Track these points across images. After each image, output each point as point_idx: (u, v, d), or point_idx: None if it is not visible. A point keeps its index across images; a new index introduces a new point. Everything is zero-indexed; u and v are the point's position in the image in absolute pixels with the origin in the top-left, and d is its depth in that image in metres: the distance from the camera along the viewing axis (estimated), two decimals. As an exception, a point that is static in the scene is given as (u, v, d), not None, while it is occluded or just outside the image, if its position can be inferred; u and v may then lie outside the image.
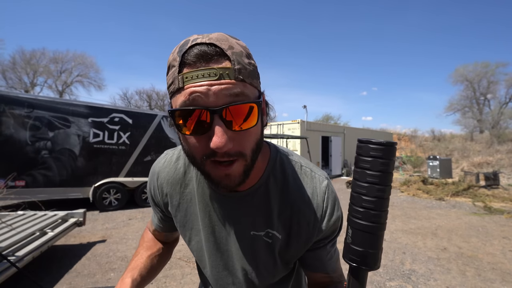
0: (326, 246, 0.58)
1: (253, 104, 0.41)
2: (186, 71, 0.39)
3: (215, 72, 0.38)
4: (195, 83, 0.38)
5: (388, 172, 0.34)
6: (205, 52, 0.39)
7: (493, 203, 6.88)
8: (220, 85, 0.38)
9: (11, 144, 5.11)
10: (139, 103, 32.32)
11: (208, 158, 0.42)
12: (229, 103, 0.39)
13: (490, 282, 2.88)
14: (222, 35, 0.41)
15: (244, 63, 0.41)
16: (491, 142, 18.65)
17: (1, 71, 22.65)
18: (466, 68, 25.73)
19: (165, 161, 0.64)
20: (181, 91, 0.40)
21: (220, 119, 0.39)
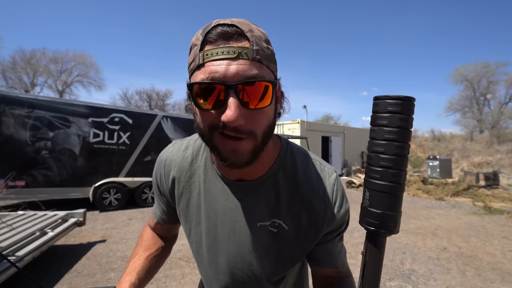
0: (335, 239, 0.58)
1: (268, 83, 0.42)
2: (207, 48, 0.41)
3: (234, 50, 0.40)
4: (215, 59, 0.40)
5: (407, 129, 0.33)
6: (226, 31, 0.40)
7: (493, 203, 6.88)
8: (238, 64, 0.40)
9: (11, 144, 5.12)
10: (139, 103, 32.32)
11: (216, 130, 0.43)
12: (247, 77, 0.40)
13: (490, 282, 2.88)
14: (244, 20, 0.44)
15: (263, 46, 0.43)
16: (491, 142, 18.65)
17: (1, 71, 22.67)
18: (466, 68, 25.74)
19: (173, 149, 0.64)
20: (200, 68, 0.41)
21: (235, 94, 0.40)
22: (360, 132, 16.43)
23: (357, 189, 9.73)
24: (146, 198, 6.60)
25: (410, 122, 0.33)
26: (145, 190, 6.58)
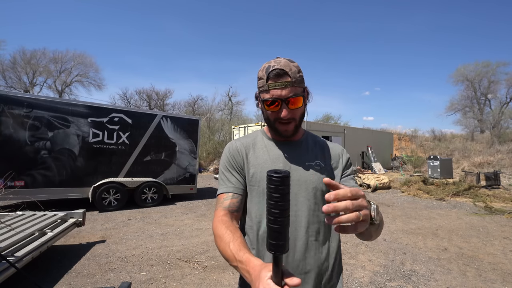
0: (350, 175, 0.95)
1: (300, 96, 0.82)
2: (270, 82, 0.80)
3: (283, 84, 0.79)
4: (274, 88, 0.80)
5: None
6: (278, 73, 0.79)
7: (494, 203, 6.87)
8: (286, 90, 0.80)
9: (10, 144, 5.11)
10: (138, 103, 32.31)
11: (277, 121, 0.85)
12: (289, 96, 0.80)
13: (491, 282, 2.87)
14: (286, 61, 0.81)
15: (297, 77, 0.81)
16: (491, 142, 18.62)
17: (1, 71, 22.67)
18: (466, 68, 25.70)
19: (237, 139, 0.98)
20: (268, 91, 0.81)
21: (285, 104, 0.81)
22: (360, 132, 16.41)
23: (357, 189, 9.71)
24: (145, 198, 6.59)
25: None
26: (144, 190, 6.57)
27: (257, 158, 0.90)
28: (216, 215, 0.83)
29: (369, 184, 9.46)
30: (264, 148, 0.92)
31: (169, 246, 3.89)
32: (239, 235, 0.74)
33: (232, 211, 0.84)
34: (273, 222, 0.46)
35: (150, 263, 3.29)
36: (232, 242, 0.70)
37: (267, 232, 0.48)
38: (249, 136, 0.98)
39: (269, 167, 0.86)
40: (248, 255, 0.65)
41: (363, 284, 2.83)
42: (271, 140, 0.94)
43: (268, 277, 0.50)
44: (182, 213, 6.01)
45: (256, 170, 0.88)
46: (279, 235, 0.46)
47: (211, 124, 22.26)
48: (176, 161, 7.20)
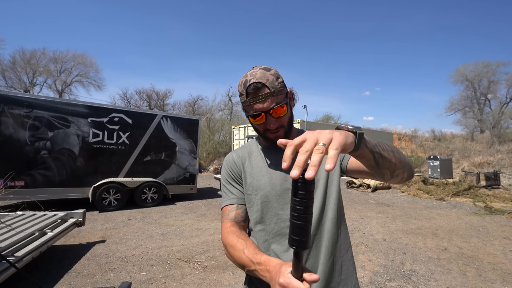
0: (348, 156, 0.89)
1: (283, 104, 0.81)
2: (250, 98, 0.80)
3: (263, 96, 0.78)
4: (255, 103, 0.80)
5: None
6: (256, 87, 0.78)
7: (494, 203, 6.87)
8: (267, 102, 0.79)
9: (10, 144, 5.11)
10: (139, 103, 32.32)
11: (266, 131, 0.85)
12: (271, 107, 0.79)
13: (491, 282, 2.87)
14: (262, 72, 0.80)
15: (275, 86, 0.80)
16: (491, 142, 18.61)
17: (1, 70, 22.67)
18: (466, 68, 25.70)
19: (235, 150, 0.99)
20: (250, 107, 0.81)
21: (269, 115, 0.80)
22: (360, 132, 16.36)
23: (357, 189, 9.72)
24: (145, 198, 6.60)
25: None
26: (144, 190, 6.58)
27: (253, 167, 0.90)
28: (224, 227, 0.84)
29: (369, 184, 9.47)
30: (259, 156, 0.93)
31: (169, 246, 3.89)
32: (252, 242, 0.76)
33: (238, 222, 0.86)
34: (297, 219, 0.47)
35: (150, 263, 3.29)
36: (246, 249, 0.71)
37: (290, 228, 0.48)
38: (245, 146, 1.00)
39: (264, 175, 0.87)
40: (266, 256, 0.66)
41: (363, 284, 2.83)
42: (265, 147, 0.94)
43: (289, 272, 0.53)
44: (182, 213, 6.01)
45: (253, 179, 0.88)
46: (303, 231, 0.47)
47: (211, 124, 22.26)
48: (176, 161, 7.20)
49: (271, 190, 0.85)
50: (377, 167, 0.68)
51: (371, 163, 0.66)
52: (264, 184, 0.86)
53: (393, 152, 0.70)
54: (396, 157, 0.70)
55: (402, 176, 0.76)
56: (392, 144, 0.74)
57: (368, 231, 4.72)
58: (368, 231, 4.69)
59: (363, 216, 5.80)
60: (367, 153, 0.63)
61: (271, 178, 0.86)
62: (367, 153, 0.63)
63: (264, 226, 0.85)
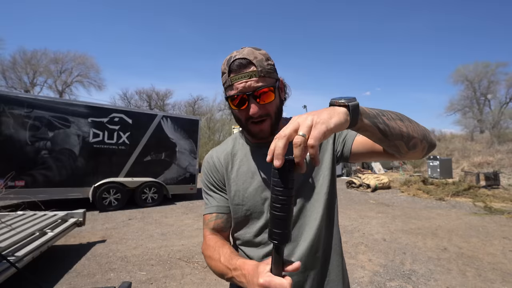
0: (347, 136, 0.78)
1: (270, 87, 0.68)
2: (232, 75, 0.68)
3: (248, 74, 0.66)
4: (238, 82, 0.67)
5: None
6: (241, 63, 0.66)
7: (494, 203, 6.87)
8: (251, 81, 0.67)
9: (10, 144, 5.11)
10: (139, 103, 32.32)
11: (248, 121, 0.71)
12: (256, 88, 0.67)
13: (491, 282, 2.88)
14: (250, 50, 0.69)
15: (264, 66, 0.68)
16: (491, 142, 18.62)
17: (1, 70, 22.66)
18: (466, 68, 25.73)
19: (216, 148, 0.87)
20: (232, 87, 0.68)
21: (253, 98, 0.67)
22: (360, 132, 16.38)
23: (357, 189, 9.72)
24: (146, 198, 6.60)
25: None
26: (145, 190, 6.58)
27: (238, 173, 0.78)
28: (204, 237, 0.79)
29: (369, 184, 9.47)
30: (244, 157, 0.80)
31: (169, 246, 3.89)
32: (228, 247, 0.71)
33: (218, 232, 0.79)
34: (280, 210, 0.44)
35: (150, 263, 3.29)
36: (222, 256, 0.67)
37: (270, 221, 0.46)
38: (228, 143, 0.85)
39: (249, 181, 0.76)
40: (241, 259, 0.62)
41: (363, 284, 2.83)
42: (251, 145, 0.81)
43: (267, 270, 0.50)
44: (182, 213, 6.02)
45: (238, 188, 0.77)
46: (284, 223, 0.44)
47: (211, 124, 22.26)
48: (176, 161, 7.20)
49: (260, 201, 0.74)
50: (387, 139, 0.59)
51: (378, 135, 0.58)
52: (251, 193, 0.75)
53: (402, 121, 0.62)
54: (407, 125, 0.62)
55: (421, 146, 0.65)
56: (400, 113, 0.65)
57: (368, 231, 4.72)
58: (368, 231, 4.69)
59: (363, 216, 5.80)
60: (369, 125, 0.55)
61: (259, 186, 0.75)
62: (369, 125, 0.55)
63: (241, 237, 0.78)
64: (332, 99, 0.53)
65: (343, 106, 0.50)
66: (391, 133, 0.58)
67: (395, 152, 0.66)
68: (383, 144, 0.62)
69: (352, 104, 0.50)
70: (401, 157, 0.69)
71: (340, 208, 6.60)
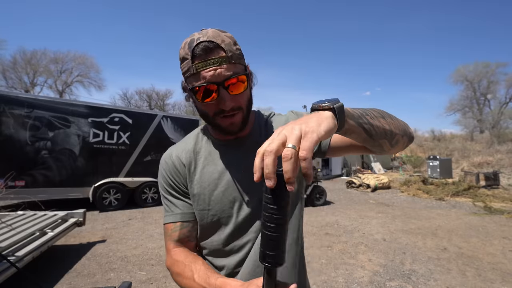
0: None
1: (242, 76, 0.60)
2: (197, 62, 0.56)
3: (216, 60, 0.56)
4: (205, 70, 0.56)
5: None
6: (207, 47, 0.56)
7: (493, 203, 6.88)
8: (220, 69, 0.57)
9: (11, 144, 5.11)
10: (139, 103, 32.30)
11: (218, 115, 0.62)
12: (228, 77, 0.57)
13: (490, 282, 2.88)
14: (215, 31, 0.58)
15: (233, 50, 0.59)
16: (491, 142, 18.62)
17: (2, 70, 22.65)
18: (466, 68, 25.75)
19: (173, 147, 0.76)
20: (196, 76, 0.58)
21: (224, 88, 0.58)
22: (360, 132, 16.37)
23: (357, 189, 9.72)
24: (146, 198, 6.60)
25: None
26: (145, 190, 6.58)
27: (202, 174, 0.70)
28: (168, 250, 0.69)
29: (369, 184, 9.47)
30: (209, 155, 0.71)
31: (169, 246, 3.89)
32: (201, 262, 0.64)
33: (184, 242, 0.70)
34: (274, 230, 0.40)
35: (150, 262, 3.29)
36: (196, 273, 0.60)
37: (262, 242, 0.42)
38: (189, 140, 0.75)
39: (215, 183, 0.68)
40: (221, 278, 0.57)
41: (363, 283, 2.83)
42: (216, 141, 0.72)
43: None
44: (182, 213, 6.01)
45: (203, 191, 0.68)
46: (278, 244, 0.41)
47: (211, 124, 22.21)
48: (176, 161, 7.20)
49: (228, 204, 0.67)
50: (372, 139, 0.57)
51: (363, 136, 0.56)
52: (218, 196, 0.67)
53: (384, 118, 0.60)
54: (389, 122, 0.61)
55: (402, 141, 0.65)
56: (381, 110, 0.63)
57: (367, 231, 4.72)
58: (368, 231, 4.69)
59: (363, 216, 5.80)
60: (355, 127, 0.53)
61: (227, 188, 0.67)
62: (355, 126, 0.53)
63: (209, 246, 0.70)
64: (314, 104, 0.48)
65: (328, 109, 0.46)
66: (375, 132, 0.57)
67: (378, 150, 0.64)
68: (367, 144, 0.60)
69: (337, 106, 0.46)
70: (382, 153, 0.68)
71: (340, 208, 6.60)
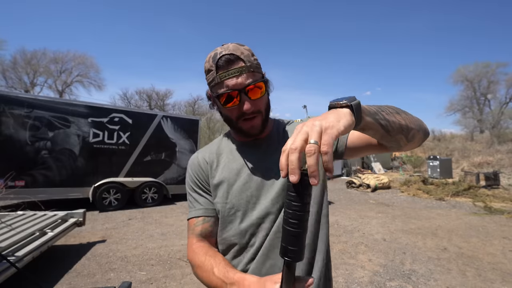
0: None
1: (260, 83, 0.68)
2: (220, 72, 0.65)
3: (237, 70, 0.65)
4: (227, 79, 0.65)
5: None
6: (229, 59, 0.65)
7: (494, 203, 6.87)
8: (241, 78, 0.65)
9: (11, 144, 5.11)
10: (139, 103, 32.31)
11: (240, 118, 0.70)
12: (247, 84, 0.66)
13: (490, 282, 2.88)
14: (235, 45, 0.67)
15: (251, 61, 0.68)
16: (491, 142, 18.63)
17: (2, 71, 22.65)
18: (466, 68, 25.76)
19: (200, 150, 0.86)
20: (220, 84, 0.66)
21: (245, 94, 0.66)
22: (360, 132, 16.36)
23: (357, 189, 9.72)
24: (146, 198, 6.60)
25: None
26: (145, 190, 6.58)
27: (223, 170, 0.77)
28: (189, 244, 0.74)
29: (369, 184, 9.47)
30: (230, 154, 0.79)
31: (169, 246, 3.90)
32: (221, 258, 0.68)
33: (206, 237, 0.75)
34: (296, 226, 0.42)
35: (150, 263, 3.29)
36: (216, 267, 0.63)
37: (283, 237, 0.44)
38: (213, 144, 0.86)
39: (234, 178, 0.74)
40: (239, 274, 0.60)
41: (363, 284, 2.83)
42: (238, 143, 0.80)
43: None
44: (182, 213, 6.01)
45: (222, 184, 0.75)
46: (300, 240, 0.43)
47: (211, 124, 22.28)
48: (176, 161, 7.21)
49: (245, 198, 0.72)
50: (389, 134, 0.60)
51: (380, 132, 0.58)
52: (236, 190, 0.73)
53: (399, 114, 0.62)
54: (404, 118, 0.63)
55: (418, 136, 0.67)
56: (395, 106, 0.66)
57: (368, 231, 4.72)
58: (368, 231, 4.69)
59: (363, 216, 5.80)
60: (372, 123, 0.55)
61: (244, 183, 0.73)
62: (372, 122, 0.55)
63: (222, 237, 0.75)
64: (332, 102, 0.51)
65: (345, 107, 0.49)
66: (392, 128, 0.59)
67: (395, 146, 0.66)
68: (385, 140, 0.62)
69: (354, 103, 0.49)
70: (399, 150, 0.69)
71: (340, 208, 6.60)
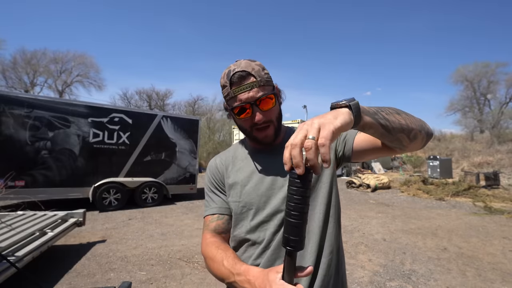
0: (347, 136, 0.81)
1: (270, 95, 0.74)
2: (234, 88, 0.72)
3: (249, 85, 0.71)
4: (240, 93, 0.72)
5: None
6: (241, 76, 0.71)
7: (494, 203, 6.88)
8: (253, 92, 0.72)
9: (11, 144, 5.11)
10: (139, 103, 32.32)
11: (253, 127, 0.76)
12: (258, 97, 0.72)
13: (490, 282, 2.88)
14: (246, 62, 0.74)
15: (262, 75, 0.73)
16: (491, 142, 18.62)
17: (2, 70, 22.66)
18: (466, 68, 25.75)
19: (218, 155, 0.94)
20: (234, 98, 0.73)
21: (256, 106, 0.73)
22: (360, 132, 16.36)
23: (357, 189, 9.72)
24: (146, 198, 6.60)
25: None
26: (145, 190, 6.58)
27: (237, 172, 0.83)
28: (204, 239, 0.79)
29: (369, 184, 9.47)
30: (245, 159, 0.85)
31: (169, 246, 3.90)
32: (231, 252, 0.72)
33: (219, 233, 0.80)
34: (297, 217, 0.46)
35: (150, 263, 3.29)
36: (225, 259, 0.67)
37: (285, 228, 0.47)
38: (230, 149, 0.93)
39: (247, 179, 0.80)
40: (245, 265, 0.63)
41: (363, 284, 2.83)
42: (251, 149, 0.87)
43: (279, 278, 0.50)
44: (182, 213, 6.02)
45: (236, 185, 0.81)
46: (301, 230, 0.46)
47: (211, 124, 22.28)
48: (176, 161, 7.21)
49: (256, 197, 0.77)
50: (389, 133, 0.63)
51: (380, 130, 0.61)
52: (248, 190, 0.79)
53: (399, 114, 0.66)
54: (404, 118, 0.66)
55: (421, 136, 0.69)
56: (395, 108, 0.69)
57: (368, 231, 4.72)
58: (368, 231, 4.69)
59: (363, 216, 5.80)
60: (371, 122, 0.59)
61: (256, 184, 0.79)
62: (371, 121, 0.59)
63: (234, 234, 0.80)
64: (333, 103, 0.56)
65: (344, 107, 0.54)
66: (392, 127, 0.62)
67: (398, 146, 0.69)
68: (386, 139, 0.65)
69: (353, 104, 0.54)
70: (403, 150, 0.72)
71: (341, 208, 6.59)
